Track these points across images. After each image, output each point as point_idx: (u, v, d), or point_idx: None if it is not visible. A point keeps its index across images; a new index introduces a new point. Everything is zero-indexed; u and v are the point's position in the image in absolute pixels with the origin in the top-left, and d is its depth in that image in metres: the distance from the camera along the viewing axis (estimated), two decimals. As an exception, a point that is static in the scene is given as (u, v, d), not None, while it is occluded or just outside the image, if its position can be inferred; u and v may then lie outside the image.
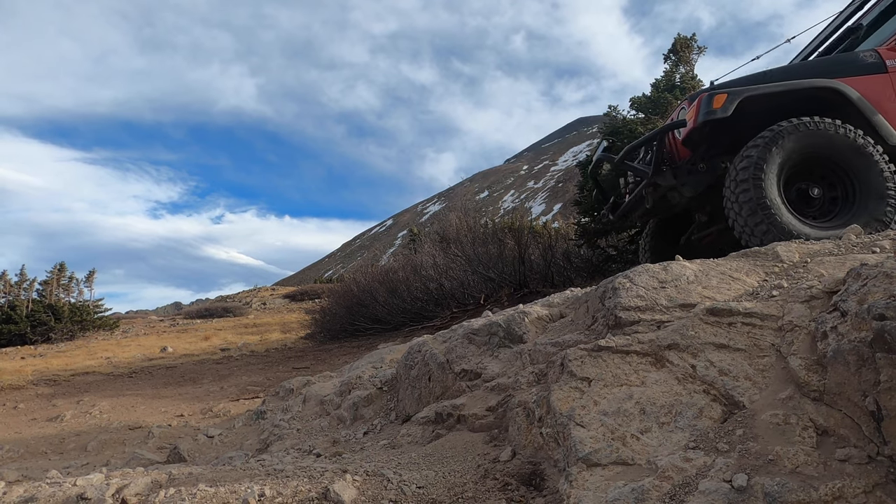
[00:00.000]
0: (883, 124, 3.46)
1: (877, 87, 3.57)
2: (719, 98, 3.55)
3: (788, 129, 3.36)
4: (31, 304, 20.00)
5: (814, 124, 3.36)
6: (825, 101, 3.51)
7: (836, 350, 1.40)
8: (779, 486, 1.21)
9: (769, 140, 3.34)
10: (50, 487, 1.76)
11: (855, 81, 3.54)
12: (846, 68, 3.63)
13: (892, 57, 3.64)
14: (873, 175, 3.31)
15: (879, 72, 3.60)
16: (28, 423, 6.07)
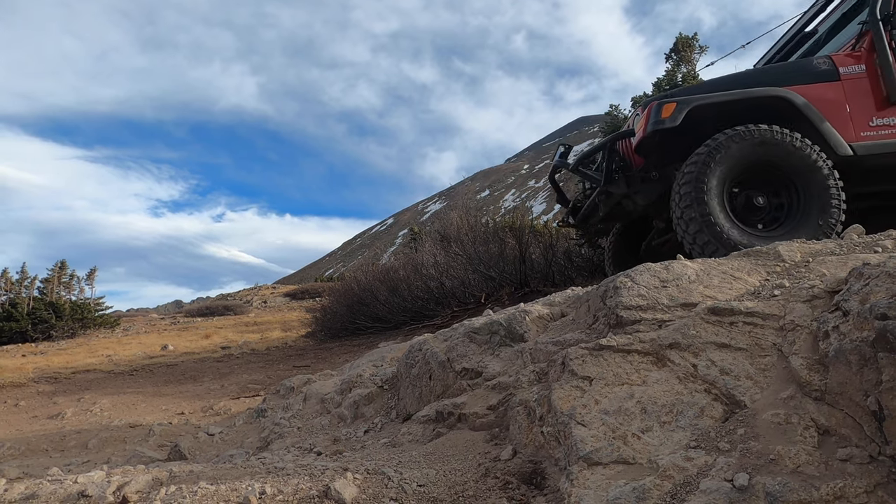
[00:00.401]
0: (831, 133, 3.44)
1: (828, 94, 3.54)
2: (668, 107, 3.54)
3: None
4: (33, 301, 20.02)
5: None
6: (775, 110, 3.48)
7: (837, 350, 1.39)
8: (780, 485, 1.21)
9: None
10: (51, 485, 1.77)
11: (806, 89, 3.52)
12: (798, 76, 3.61)
13: (846, 64, 3.61)
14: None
15: (832, 79, 3.57)
16: (29, 420, 6.08)
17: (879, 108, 3.53)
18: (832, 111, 3.50)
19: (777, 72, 3.73)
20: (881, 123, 3.51)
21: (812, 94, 3.51)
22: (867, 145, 3.46)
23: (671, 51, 11.17)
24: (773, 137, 3.33)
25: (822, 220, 3.25)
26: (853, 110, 3.52)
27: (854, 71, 3.59)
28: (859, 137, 3.49)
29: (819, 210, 3.27)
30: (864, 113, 3.52)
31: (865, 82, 3.57)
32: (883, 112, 3.52)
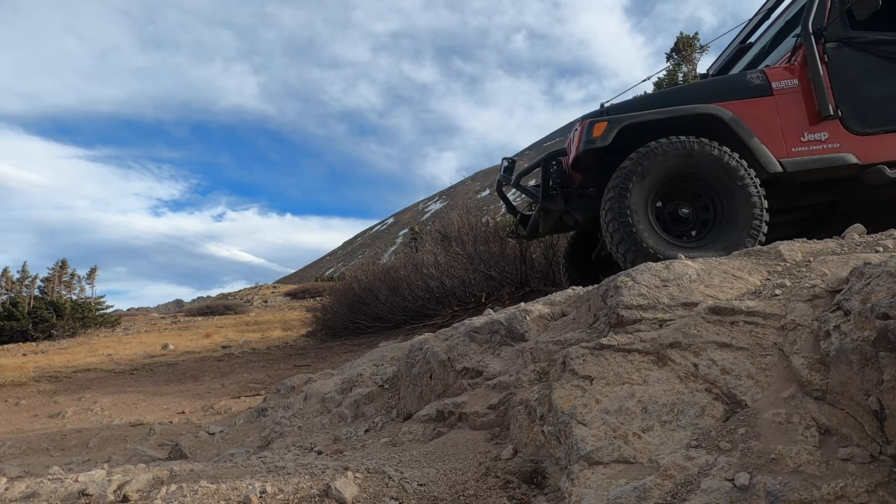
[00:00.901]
0: (760, 149, 3.43)
1: (760, 110, 3.54)
2: (599, 126, 3.55)
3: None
4: (33, 301, 20.04)
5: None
6: (706, 126, 3.49)
7: (838, 349, 1.39)
8: (781, 484, 1.21)
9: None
10: (52, 483, 1.77)
11: (737, 105, 3.52)
12: (731, 91, 3.61)
13: (779, 78, 3.59)
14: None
15: (764, 94, 3.56)
16: (30, 419, 6.09)
17: (811, 122, 3.52)
18: (762, 127, 3.50)
19: (710, 87, 3.74)
20: (812, 139, 3.50)
21: (742, 109, 3.51)
22: (797, 161, 3.46)
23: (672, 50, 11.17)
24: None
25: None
26: (785, 125, 3.52)
27: (787, 85, 3.58)
28: (790, 153, 3.49)
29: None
30: (796, 128, 3.52)
31: (798, 97, 3.56)
32: (815, 127, 3.51)
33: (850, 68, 3.55)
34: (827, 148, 3.48)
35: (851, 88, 3.53)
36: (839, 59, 3.55)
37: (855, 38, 3.58)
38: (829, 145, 3.48)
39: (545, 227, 4.29)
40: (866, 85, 3.54)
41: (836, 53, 3.56)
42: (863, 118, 3.51)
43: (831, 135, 3.50)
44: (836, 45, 3.57)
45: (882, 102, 3.52)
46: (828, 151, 3.47)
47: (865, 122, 3.51)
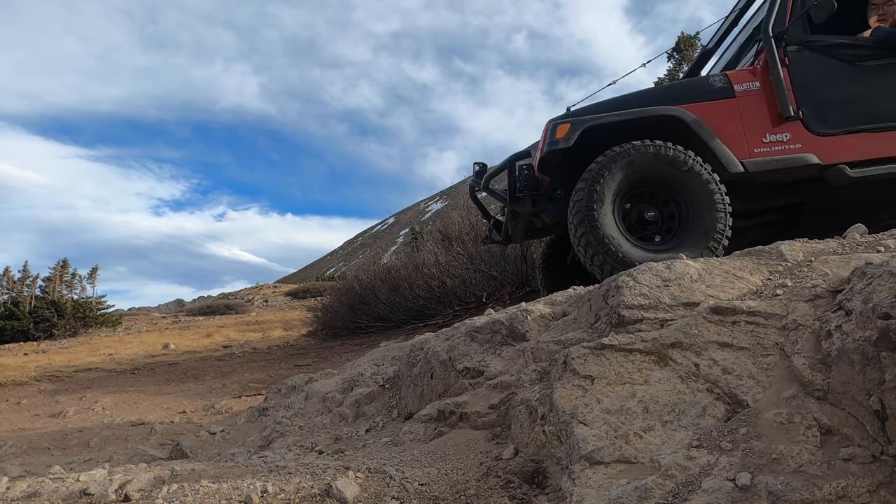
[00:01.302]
0: (722, 150, 3.47)
1: (722, 112, 3.58)
2: (562, 128, 3.59)
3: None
4: (34, 300, 20.06)
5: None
6: (669, 128, 3.53)
7: (840, 349, 1.39)
8: (782, 484, 1.21)
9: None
10: (53, 483, 1.77)
11: (699, 107, 3.56)
12: (694, 93, 3.65)
13: (741, 81, 3.65)
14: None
15: (727, 97, 3.61)
16: (31, 419, 6.10)
17: (774, 124, 3.57)
18: (724, 128, 3.55)
19: (674, 90, 3.79)
20: (775, 140, 3.54)
21: (705, 111, 3.56)
22: (759, 161, 3.51)
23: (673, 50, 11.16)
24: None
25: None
26: (747, 127, 3.57)
27: (749, 88, 3.63)
28: (752, 154, 3.53)
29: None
30: (758, 129, 3.57)
31: (760, 99, 3.61)
32: (777, 128, 3.56)
33: (810, 71, 3.61)
34: (789, 149, 3.53)
35: (812, 90, 3.59)
36: (800, 62, 3.62)
37: (815, 41, 3.64)
38: (790, 146, 3.53)
39: (518, 231, 4.30)
40: (827, 87, 3.60)
41: (797, 57, 3.62)
42: (824, 119, 3.57)
43: (793, 136, 3.55)
44: (797, 49, 3.64)
45: (842, 104, 3.58)
46: (790, 152, 3.52)
47: (826, 124, 3.56)
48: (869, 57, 3.60)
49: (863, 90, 3.58)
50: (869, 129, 3.55)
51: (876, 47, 3.60)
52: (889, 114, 3.55)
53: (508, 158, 4.10)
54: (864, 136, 3.55)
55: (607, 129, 3.57)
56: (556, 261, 4.91)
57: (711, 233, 3.31)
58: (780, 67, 3.54)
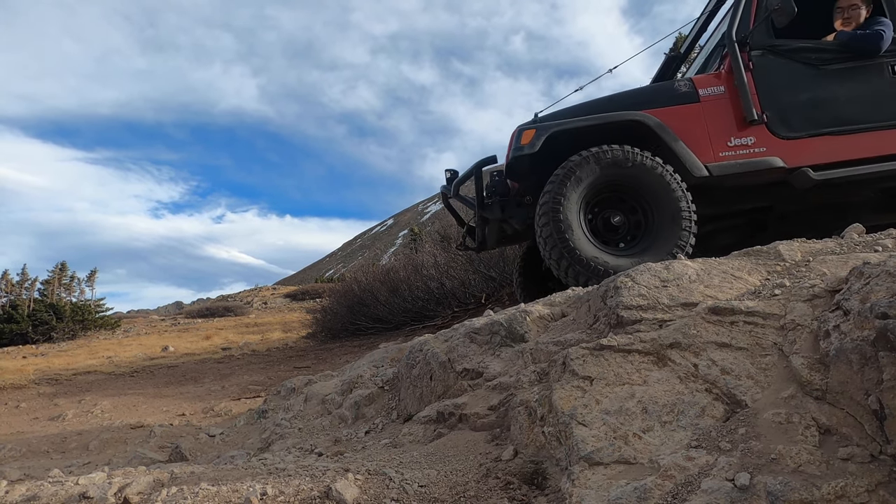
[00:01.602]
0: (686, 154, 3.49)
1: (687, 116, 3.60)
2: (527, 134, 3.61)
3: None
4: (33, 303, 20.03)
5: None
6: (635, 133, 3.54)
7: (838, 349, 1.39)
8: (781, 484, 1.21)
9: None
10: (52, 486, 1.77)
11: (664, 112, 3.58)
12: (660, 98, 3.67)
13: (706, 85, 3.67)
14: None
15: (692, 101, 3.63)
16: (30, 422, 6.09)
17: (738, 128, 3.59)
18: (689, 132, 3.57)
19: (640, 95, 3.80)
20: (739, 143, 3.57)
21: (670, 116, 3.58)
22: (724, 165, 3.52)
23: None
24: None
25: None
26: (712, 131, 3.59)
27: (714, 92, 3.65)
28: (717, 158, 3.55)
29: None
30: (723, 133, 3.59)
31: (725, 103, 3.63)
32: (741, 132, 3.58)
33: (775, 75, 3.64)
34: (753, 152, 3.55)
35: (777, 94, 3.61)
36: (764, 66, 3.64)
37: (779, 45, 3.67)
38: (755, 150, 3.56)
39: (491, 237, 4.29)
40: (791, 91, 3.62)
41: (762, 61, 3.65)
42: (788, 123, 3.59)
43: (758, 139, 3.57)
44: (761, 53, 3.66)
45: (806, 107, 3.60)
46: (754, 156, 3.54)
47: (790, 127, 3.59)
48: (832, 60, 3.62)
49: (826, 94, 3.60)
50: (832, 132, 3.57)
51: (839, 51, 3.62)
52: (852, 117, 3.57)
53: (475, 164, 4.09)
54: (828, 139, 3.57)
55: (573, 135, 3.58)
56: (532, 268, 4.89)
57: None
58: (743, 71, 3.56)
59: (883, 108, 3.57)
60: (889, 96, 3.57)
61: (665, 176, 3.39)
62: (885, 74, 3.59)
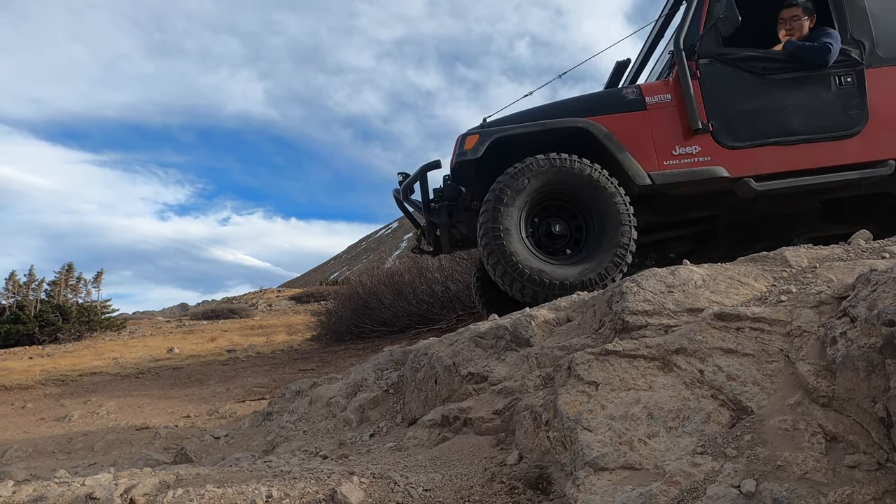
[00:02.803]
0: (629, 163, 3.47)
1: (632, 124, 3.58)
2: (471, 139, 3.59)
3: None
4: (40, 304, 20.14)
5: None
6: (579, 140, 3.53)
7: (845, 356, 1.39)
8: (787, 491, 1.21)
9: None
10: (58, 487, 1.78)
11: (610, 119, 3.56)
12: (606, 105, 3.66)
13: (653, 93, 3.65)
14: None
15: (638, 109, 3.61)
16: (36, 422, 6.11)
17: (684, 137, 3.57)
18: (634, 141, 3.55)
19: (587, 102, 3.78)
20: (684, 152, 3.55)
21: (615, 123, 3.56)
22: (667, 174, 3.51)
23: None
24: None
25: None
26: (657, 139, 3.57)
27: (660, 100, 3.64)
28: (662, 166, 3.53)
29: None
30: (668, 142, 3.57)
31: (671, 111, 3.61)
32: (687, 141, 3.57)
33: (721, 83, 3.62)
34: (698, 161, 3.54)
35: (723, 103, 3.60)
36: (712, 74, 3.63)
37: (727, 54, 3.64)
38: (700, 159, 3.55)
39: (444, 242, 4.26)
40: (737, 100, 3.61)
41: (709, 69, 3.63)
42: (733, 132, 3.58)
43: (703, 149, 3.56)
44: (708, 62, 3.64)
45: (751, 117, 3.58)
46: (698, 165, 3.53)
47: (736, 136, 3.58)
48: (779, 70, 3.61)
49: (772, 103, 3.58)
50: (777, 143, 3.56)
51: (786, 61, 3.61)
52: (797, 127, 3.56)
53: (419, 169, 4.06)
54: (773, 150, 3.56)
55: (517, 141, 3.56)
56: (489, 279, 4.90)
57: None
58: (689, 80, 3.55)
59: (827, 120, 3.56)
60: (833, 108, 3.56)
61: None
62: (831, 86, 3.57)
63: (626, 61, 4.82)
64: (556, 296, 3.21)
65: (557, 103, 3.83)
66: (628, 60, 4.84)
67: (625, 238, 3.33)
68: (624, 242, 3.33)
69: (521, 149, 3.52)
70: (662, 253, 4.34)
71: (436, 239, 4.29)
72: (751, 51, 3.66)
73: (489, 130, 3.63)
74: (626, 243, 3.33)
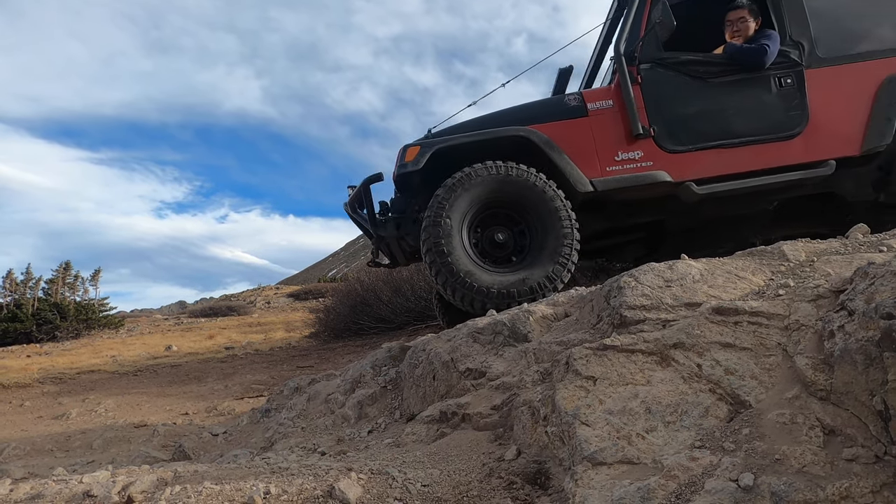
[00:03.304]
0: (570, 170, 3.45)
1: (574, 131, 3.56)
2: (411, 151, 3.58)
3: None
4: (37, 302, 20.09)
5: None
6: (521, 148, 3.51)
7: (843, 349, 1.39)
8: (785, 485, 1.21)
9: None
10: (56, 485, 1.77)
11: (551, 127, 3.55)
12: (548, 113, 3.64)
13: (595, 99, 3.63)
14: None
15: (580, 115, 3.59)
16: (34, 420, 6.11)
17: (627, 142, 3.55)
18: (576, 147, 3.53)
19: (530, 110, 3.75)
20: (626, 158, 3.54)
21: (557, 131, 3.54)
22: (609, 180, 3.49)
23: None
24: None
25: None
26: (599, 145, 3.56)
27: (602, 106, 3.62)
28: (605, 172, 3.52)
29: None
30: (611, 148, 3.56)
31: (614, 117, 3.60)
32: (630, 146, 3.55)
33: (662, 88, 3.60)
34: (640, 167, 3.53)
35: (664, 107, 3.58)
36: (653, 79, 3.61)
37: (667, 58, 3.63)
38: (642, 164, 3.54)
39: (398, 254, 4.22)
40: (677, 104, 3.59)
41: (650, 74, 3.62)
42: (675, 136, 3.57)
43: (645, 153, 3.55)
44: (649, 66, 3.62)
45: (692, 120, 3.57)
46: (641, 170, 3.52)
47: (677, 140, 3.56)
48: (719, 73, 3.59)
49: (713, 107, 3.57)
50: (719, 146, 3.55)
51: (726, 63, 3.60)
52: (738, 130, 3.55)
53: (362, 182, 4.00)
54: (714, 153, 3.55)
55: (460, 151, 3.53)
56: None
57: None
58: (630, 85, 3.53)
59: (768, 122, 3.54)
60: (774, 109, 3.54)
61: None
62: (771, 87, 3.56)
63: (568, 68, 4.78)
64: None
65: (502, 112, 3.79)
66: (571, 67, 4.80)
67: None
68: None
69: (464, 159, 3.49)
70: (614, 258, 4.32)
71: (389, 252, 4.26)
72: (691, 54, 3.64)
73: (430, 142, 3.60)
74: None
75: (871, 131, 3.51)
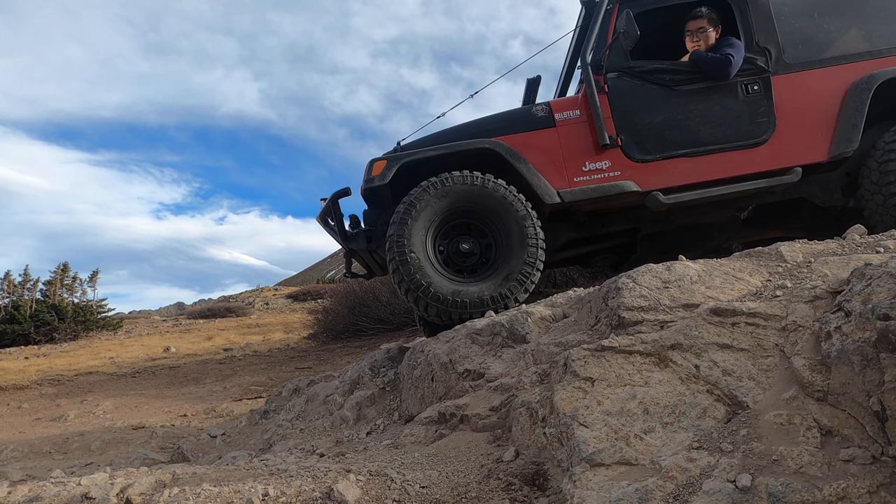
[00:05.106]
0: (537, 181, 3.44)
1: (541, 142, 3.55)
2: (378, 165, 3.55)
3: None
4: (35, 304, 20.05)
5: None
6: (488, 160, 3.50)
7: (840, 350, 1.39)
8: (783, 486, 1.21)
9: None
10: (54, 487, 1.77)
11: (518, 138, 3.53)
12: (515, 124, 3.62)
13: (562, 109, 3.61)
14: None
15: (547, 126, 3.57)
16: (32, 422, 6.10)
17: (594, 152, 3.54)
18: (543, 158, 3.52)
19: (497, 121, 3.74)
20: (594, 168, 3.52)
21: (524, 142, 3.52)
22: (576, 191, 3.48)
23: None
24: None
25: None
26: (567, 156, 3.54)
27: (569, 116, 3.60)
28: (573, 183, 3.50)
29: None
30: (578, 158, 3.54)
31: (581, 127, 3.57)
32: (597, 156, 3.54)
33: (629, 97, 3.58)
34: (608, 176, 3.51)
35: (631, 117, 3.56)
36: (619, 88, 3.59)
37: (634, 67, 3.60)
38: (610, 174, 3.51)
39: (372, 265, 4.21)
40: (644, 113, 3.57)
41: (617, 83, 3.59)
42: (642, 146, 3.54)
43: (613, 163, 3.52)
44: (616, 76, 3.60)
45: (659, 129, 3.55)
46: (609, 180, 3.50)
47: (645, 150, 3.54)
48: (686, 81, 3.57)
49: (679, 115, 3.55)
50: (685, 154, 3.53)
51: (692, 71, 3.57)
52: (704, 138, 3.53)
53: (330, 196, 3.97)
54: (681, 161, 3.53)
55: (427, 164, 3.52)
56: None
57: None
58: (596, 94, 3.51)
59: (735, 129, 3.53)
60: (741, 117, 3.53)
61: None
62: (738, 94, 3.54)
63: (536, 78, 4.75)
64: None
65: (469, 123, 3.77)
66: (539, 78, 4.78)
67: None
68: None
69: (432, 172, 3.47)
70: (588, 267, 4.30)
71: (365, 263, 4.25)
72: (657, 63, 3.62)
73: (397, 156, 3.58)
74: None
75: (838, 137, 3.49)
